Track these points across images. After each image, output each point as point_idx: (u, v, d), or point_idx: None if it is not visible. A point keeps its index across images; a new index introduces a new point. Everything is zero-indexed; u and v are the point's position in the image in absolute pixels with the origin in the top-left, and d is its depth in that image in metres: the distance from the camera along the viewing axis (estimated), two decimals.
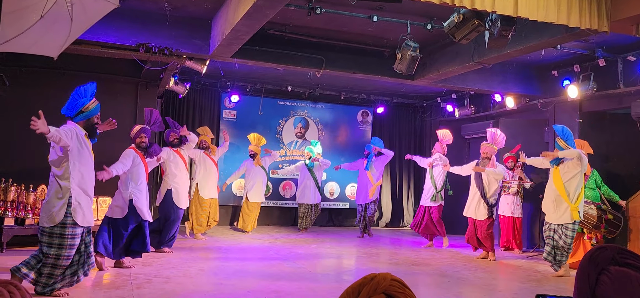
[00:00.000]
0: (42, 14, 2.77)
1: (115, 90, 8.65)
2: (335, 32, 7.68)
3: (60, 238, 4.68)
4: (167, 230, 7.43)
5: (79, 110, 4.91)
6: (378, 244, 9.33)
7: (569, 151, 6.71)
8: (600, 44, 7.44)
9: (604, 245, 1.79)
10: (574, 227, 6.69)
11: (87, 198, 4.90)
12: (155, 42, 7.05)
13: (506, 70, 9.05)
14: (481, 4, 4.76)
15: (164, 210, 7.57)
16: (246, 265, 6.77)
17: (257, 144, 9.97)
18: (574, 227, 6.70)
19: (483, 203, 7.90)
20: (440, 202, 9.00)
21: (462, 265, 7.37)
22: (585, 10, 5.17)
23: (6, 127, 7.93)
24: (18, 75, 7.95)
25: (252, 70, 9.63)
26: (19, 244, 7.12)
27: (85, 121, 4.94)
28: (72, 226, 4.72)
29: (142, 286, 5.26)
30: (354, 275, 6.73)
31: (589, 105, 8.65)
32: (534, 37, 6.33)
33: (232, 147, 10.97)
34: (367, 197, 10.06)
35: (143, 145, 6.38)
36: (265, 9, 5.34)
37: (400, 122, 12.56)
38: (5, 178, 7.00)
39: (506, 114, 10.14)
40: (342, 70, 8.48)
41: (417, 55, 6.74)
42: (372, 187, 10.01)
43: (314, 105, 11.80)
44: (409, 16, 6.68)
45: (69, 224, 4.70)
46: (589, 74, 7.91)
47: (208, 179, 8.80)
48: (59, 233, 4.69)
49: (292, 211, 11.41)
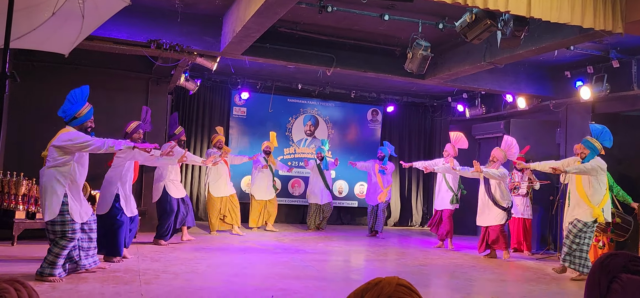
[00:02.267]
0: (54, 10, 2.79)
1: (126, 87, 8.70)
2: (346, 30, 7.65)
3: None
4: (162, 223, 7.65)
5: (72, 116, 5.18)
6: (387, 244, 9.30)
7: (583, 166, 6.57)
8: (614, 45, 7.35)
9: (616, 252, 1.76)
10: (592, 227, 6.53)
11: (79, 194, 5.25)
12: (167, 38, 7.08)
13: (518, 70, 8.98)
14: (494, 4, 4.72)
15: (159, 204, 7.74)
16: (254, 262, 6.78)
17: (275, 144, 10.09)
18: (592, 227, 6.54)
19: (496, 208, 7.87)
20: (456, 205, 8.97)
21: (471, 266, 7.33)
22: (599, 11, 5.10)
23: (18, 122, 8.01)
24: (30, 70, 8.02)
25: (263, 68, 9.64)
26: (30, 237, 7.20)
27: (79, 126, 5.21)
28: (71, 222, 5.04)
29: (150, 282, 5.28)
30: (361, 274, 6.72)
31: (601, 107, 8.55)
32: (547, 38, 6.26)
33: (242, 143, 11.00)
34: (376, 199, 10.00)
35: (139, 140, 6.43)
36: (276, 7, 5.34)
37: (410, 121, 12.51)
38: (17, 172, 7.07)
39: (517, 114, 10.06)
40: (353, 69, 8.46)
41: (428, 54, 6.70)
42: (382, 192, 9.93)
43: (323, 103, 11.79)
44: (421, 15, 6.64)
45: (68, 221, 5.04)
46: (603, 75, 7.82)
47: (218, 179, 8.99)
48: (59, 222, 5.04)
49: (301, 209, 11.41)
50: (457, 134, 9.14)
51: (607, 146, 6.60)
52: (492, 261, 7.81)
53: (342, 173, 11.60)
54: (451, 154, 8.84)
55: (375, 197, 10.04)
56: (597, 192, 6.56)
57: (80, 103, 5.21)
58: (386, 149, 10.19)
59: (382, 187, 9.95)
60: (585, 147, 6.66)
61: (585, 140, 6.70)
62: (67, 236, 5.06)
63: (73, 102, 5.19)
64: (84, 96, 5.24)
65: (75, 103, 5.19)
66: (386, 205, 10.19)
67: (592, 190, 6.56)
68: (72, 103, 5.19)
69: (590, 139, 6.64)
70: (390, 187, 10.20)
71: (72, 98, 5.21)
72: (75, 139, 5.05)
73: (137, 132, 6.46)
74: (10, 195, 6.95)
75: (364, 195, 11.92)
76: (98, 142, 5.12)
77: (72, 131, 5.15)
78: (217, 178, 9.00)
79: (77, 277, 5.30)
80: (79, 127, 5.20)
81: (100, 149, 5.14)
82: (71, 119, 5.17)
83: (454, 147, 8.95)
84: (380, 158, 10.13)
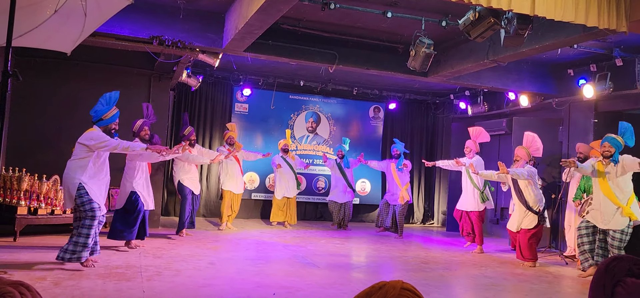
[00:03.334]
0: (56, 8, 2.78)
1: (128, 82, 8.70)
2: (349, 27, 7.63)
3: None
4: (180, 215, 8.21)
5: (100, 117, 5.64)
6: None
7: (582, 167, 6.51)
8: (617, 43, 7.32)
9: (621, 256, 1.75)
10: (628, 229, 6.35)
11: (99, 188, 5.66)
12: (169, 35, 7.07)
13: (521, 68, 8.95)
14: (497, 2, 4.69)
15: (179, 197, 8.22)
16: (257, 260, 6.78)
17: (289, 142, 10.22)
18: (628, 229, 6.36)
19: (530, 213, 7.30)
20: (485, 205, 8.53)
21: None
22: (603, 10, 5.08)
23: (21, 117, 8.02)
24: (32, 65, 8.02)
25: (265, 64, 9.62)
26: (32, 233, 7.21)
27: (104, 127, 5.66)
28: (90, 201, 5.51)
29: (152, 278, 5.29)
30: (366, 274, 6.72)
31: (604, 105, 8.52)
32: (550, 36, 6.23)
33: (244, 140, 11.00)
34: (396, 200, 9.66)
35: (146, 137, 6.91)
36: (279, 4, 5.32)
37: (412, 118, 12.49)
38: (19, 168, 7.08)
39: (520, 112, 10.03)
40: (355, 66, 8.43)
41: (431, 52, 6.68)
42: (401, 191, 9.60)
43: (325, 99, 11.77)
44: (424, 13, 6.62)
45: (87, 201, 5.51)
46: (606, 74, 7.79)
47: (227, 173, 9.15)
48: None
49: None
50: (476, 129, 8.78)
51: (629, 145, 6.42)
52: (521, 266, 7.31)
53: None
54: (473, 150, 8.60)
55: (395, 197, 9.70)
56: (623, 191, 6.35)
57: (110, 106, 5.68)
58: (400, 146, 9.86)
59: (400, 185, 9.61)
60: (610, 145, 6.40)
61: (611, 138, 6.43)
62: (90, 214, 5.43)
63: (104, 104, 5.65)
64: (113, 100, 5.70)
65: (106, 106, 5.65)
66: (406, 206, 9.70)
67: (619, 189, 6.35)
68: (103, 105, 5.65)
69: (616, 136, 6.43)
70: (408, 185, 9.79)
71: (104, 100, 5.66)
72: (96, 139, 5.51)
73: (144, 129, 6.90)
74: (12, 191, 6.97)
75: (366, 193, 11.92)
76: (113, 142, 5.57)
77: (96, 131, 5.59)
78: (229, 173, 9.14)
79: (78, 273, 5.30)
80: (104, 128, 5.64)
81: (116, 149, 5.61)
82: (98, 120, 5.63)
83: (476, 143, 8.67)
84: (395, 156, 9.79)
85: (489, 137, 8.91)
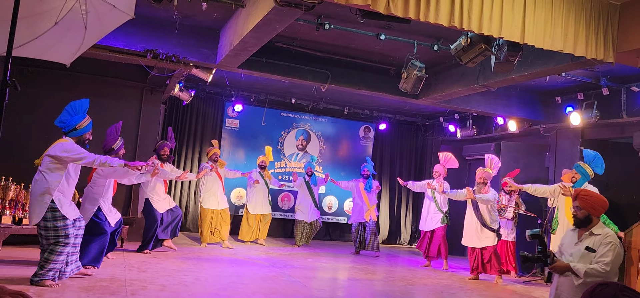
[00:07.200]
0: (57, 20, 2.80)
1: (121, 94, 8.68)
2: (343, 48, 7.72)
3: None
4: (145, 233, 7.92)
5: (72, 127, 5.26)
6: (374, 261, 9.29)
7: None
8: (604, 73, 7.48)
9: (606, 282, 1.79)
10: None
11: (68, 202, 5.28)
12: (163, 48, 7.09)
13: (510, 94, 9.09)
14: (489, 29, 4.80)
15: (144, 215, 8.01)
16: (242, 276, 6.75)
17: (271, 158, 10.08)
18: None
19: (486, 230, 7.88)
20: (446, 224, 8.97)
21: (459, 287, 7.35)
22: (591, 40, 5.20)
23: (11, 126, 7.94)
24: (24, 75, 7.99)
25: (257, 81, 9.67)
26: (16, 243, 7.11)
27: (77, 138, 5.29)
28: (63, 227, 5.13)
29: (136, 293, 5.24)
30: (348, 292, 6.71)
31: (591, 133, 8.67)
32: (539, 64, 6.36)
33: (234, 156, 10.99)
34: (363, 217, 9.82)
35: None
36: (274, 23, 5.38)
37: (402, 139, 12.58)
38: (5, 177, 7.01)
39: (508, 137, 10.16)
40: (348, 86, 8.51)
41: (423, 75, 6.78)
42: (368, 210, 9.76)
43: (316, 118, 11.83)
44: (416, 36, 6.72)
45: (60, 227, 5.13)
46: (593, 102, 7.94)
47: (211, 191, 8.95)
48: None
49: (289, 223, 11.38)
50: (446, 154, 9.14)
51: (598, 173, 6.66)
52: (479, 283, 7.83)
53: (332, 189, 11.60)
54: (442, 174, 8.87)
55: (361, 215, 9.86)
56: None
57: (81, 115, 5.31)
58: (371, 166, 10.05)
59: (369, 205, 9.79)
60: (577, 172, 6.72)
61: (577, 165, 6.76)
62: (60, 241, 5.07)
63: (72, 113, 5.28)
64: (83, 109, 5.34)
65: (75, 115, 5.28)
66: (375, 223, 9.95)
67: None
68: (71, 115, 5.28)
69: (583, 164, 6.69)
70: (375, 205, 9.95)
71: (71, 109, 5.29)
72: (72, 151, 5.11)
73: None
74: None
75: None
76: (90, 156, 5.18)
77: (70, 142, 5.21)
78: (210, 190, 8.94)
79: (62, 284, 5.24)
80: (77, 139, 5.28)
81: (93, 164, 5.25)
82: (71, 130, 5.26)
83: (444, 168, 8.97)
84: (365, 176, 9.91)
85: (457, 164, 9.15)
